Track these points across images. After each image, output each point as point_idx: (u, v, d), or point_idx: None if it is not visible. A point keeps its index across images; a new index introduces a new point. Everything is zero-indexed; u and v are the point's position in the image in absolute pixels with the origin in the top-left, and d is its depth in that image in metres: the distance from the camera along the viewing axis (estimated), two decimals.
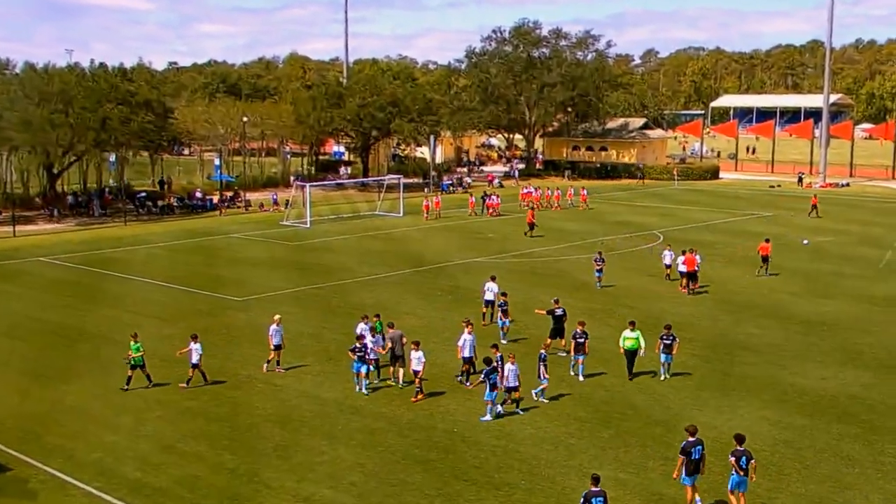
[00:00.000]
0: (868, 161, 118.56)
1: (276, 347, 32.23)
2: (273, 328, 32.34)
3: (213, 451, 25.37)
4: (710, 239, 61.68)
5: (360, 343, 30.11)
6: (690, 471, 21.75)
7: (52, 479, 23.58)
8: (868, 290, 46.02)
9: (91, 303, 43.37)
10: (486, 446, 25.56)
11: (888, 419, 27.79)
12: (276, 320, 32.59)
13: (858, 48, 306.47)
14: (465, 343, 30.40)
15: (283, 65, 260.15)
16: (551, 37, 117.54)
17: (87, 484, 23.26)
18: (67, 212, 75.66)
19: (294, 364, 32.94)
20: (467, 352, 30.42)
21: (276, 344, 32.21)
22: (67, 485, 23.31)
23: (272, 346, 32.30)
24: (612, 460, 24.66)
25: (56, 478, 23.66)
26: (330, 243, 61.03)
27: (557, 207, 78.99)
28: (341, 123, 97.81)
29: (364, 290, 45.80)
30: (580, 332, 31.23)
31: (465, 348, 30.39)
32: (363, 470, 24.13)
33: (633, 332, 31.28)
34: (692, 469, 21.77)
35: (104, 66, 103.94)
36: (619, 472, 23.97)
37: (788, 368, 32.80)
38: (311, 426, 27.19)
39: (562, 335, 34.32)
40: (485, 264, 52.67)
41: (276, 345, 32.22)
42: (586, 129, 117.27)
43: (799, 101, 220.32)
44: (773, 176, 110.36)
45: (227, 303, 43.36)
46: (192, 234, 65.76)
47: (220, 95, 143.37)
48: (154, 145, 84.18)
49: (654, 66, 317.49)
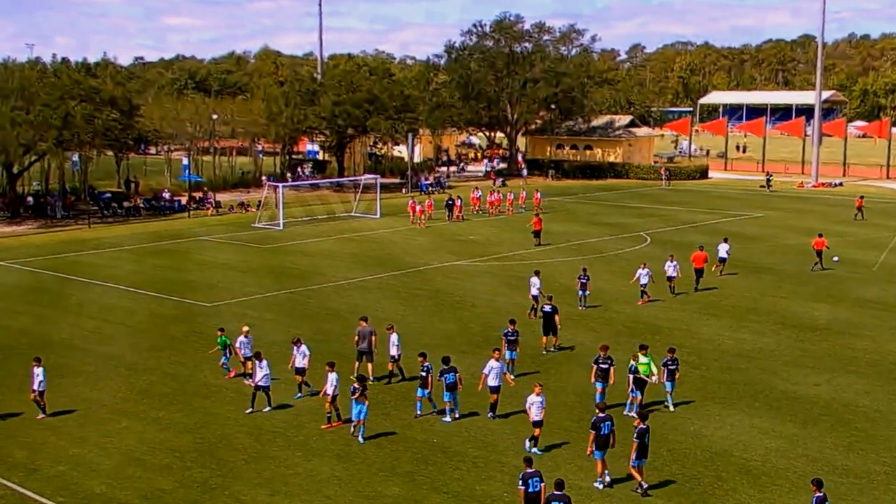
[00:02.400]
0: (861, 160, 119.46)
1: (246, 359, 31.76)
2: (241, 339, 32.01)
3: (182, 463, 25.29)
4: (700, 240, 61.84)
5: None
6: (600, 445, 23.38)
7: (13, 495, 23.44)
8: (862, 293, 46.34)
9: (53, 309, 43.14)
10: (468, 457, 25.60)
11: (882, 427, 28.01)
12: (245, 331, 32.29)
13: (851, 43, 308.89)
14: (492, 371, 28.51)
15: (254, 60, 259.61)
16: (534, 31, 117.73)
17: (49, 499, 23.14)
18: (28, 213, 75.26)
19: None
20: (494, 381, 28.58)
21: (245, 356, 31.79)
22: (29, 500, 23.17)
23: (241, 358, 31.97)
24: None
25: (16, 493, 23.52)
26: (304, 246, 60.96)
27: (510, 212, 77.03)
28: (315, 121, 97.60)
29: (339, 295, 45.77)
30: (670, 359, 29.61)
31: (491, 377, 28.56)
32: (339, 482, 24.12)
33: (646, 357, 29.31)
34: (602, 444, 23.50)
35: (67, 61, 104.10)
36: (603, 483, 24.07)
37: (780, 375, 33.00)
38: (284, 437, 27.15)
39: (555, 333, 35.87)
40: (466, 268, 52.76)
41: (246, 357, 31.79)
42: (570, 128, 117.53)
43: (790, 97, 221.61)
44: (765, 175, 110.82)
45: (197, 308, 43.21)
46: (159, 236, 65.52)
47: (189, 92, 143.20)
48: (119, 144, 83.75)
49: (640, 62, 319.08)
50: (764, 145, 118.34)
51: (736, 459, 25.56)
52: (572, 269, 51.32)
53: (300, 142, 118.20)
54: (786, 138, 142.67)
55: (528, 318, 39.91)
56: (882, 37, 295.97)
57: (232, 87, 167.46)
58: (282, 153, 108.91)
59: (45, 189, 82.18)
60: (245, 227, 69.12)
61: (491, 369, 28.49)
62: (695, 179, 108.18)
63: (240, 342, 31.96)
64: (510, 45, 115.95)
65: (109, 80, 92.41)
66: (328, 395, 27.81)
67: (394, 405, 29.73)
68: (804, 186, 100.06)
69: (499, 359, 28.86)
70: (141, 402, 30.14)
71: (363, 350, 32.03)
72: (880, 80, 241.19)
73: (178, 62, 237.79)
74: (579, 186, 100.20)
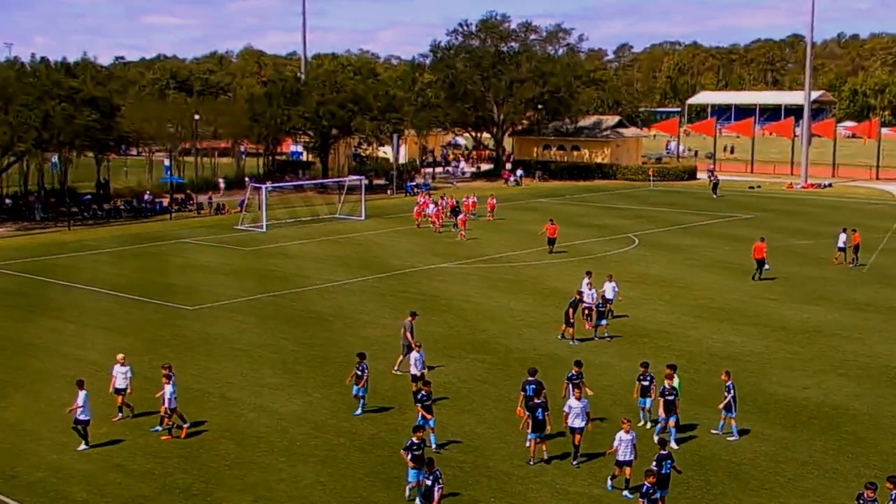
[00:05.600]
0: (851, 160, 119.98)
1: (118, 391, 29.01)
2: (116, 368, 29.18)
3: (163, 469, 25.22)
4: (688, 243, 62.15)
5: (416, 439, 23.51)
6: (661, 484, 22.24)
7: None
8: (852, 295, 46.52)
9: (33, 313, 42.95)
10: (454, 462, 25.59)
11: (872, 430, 28.12)
12: (120, 359, 29.37)
13: (841, 43, 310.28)
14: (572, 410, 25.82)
15: (237, 60, 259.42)
16: (520, 30, 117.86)
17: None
18: (5, 216, 74.95)
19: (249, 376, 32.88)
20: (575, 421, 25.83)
21: (117, 387, 28.98)
22: None
23: (112, 388, 29.08)
24: (586, 475, 24.77)
25: None
26: (287, 248, 60.87)
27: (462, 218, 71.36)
28: (299, 122, 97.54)
29: (324, 298, 45.71)
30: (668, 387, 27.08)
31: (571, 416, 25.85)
32: (324, 488, 24.09)
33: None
34: (662, 483, 22.32)
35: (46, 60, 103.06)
36: (594, 487, 24.11)
37: (769, 378, 33.11)
38: (267, 442, 27.11)
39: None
40: (452, 270, 52.77)
41: (117, 388, 28.99)
42: (557, 128, 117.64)
43: (779, 97, 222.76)
44: (753, 176, 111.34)
45: (179, 312, 43.10)
46: (140, 238, 65.33)
47: (171, 92, 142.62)
48: (100, 145, 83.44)
49: (628, 62, 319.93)
50: (753, 146, 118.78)
51: (724, 463, 25.63)
52: (560, 272, 51.49)
53: (284, 142, 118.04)
54: (775, 139, 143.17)
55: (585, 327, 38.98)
56: (871, 37, 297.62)
57: (214, 88, 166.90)
58: (265, 154, 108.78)
59: (24, 190, 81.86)
60: (227, 230, 68.95)
61: (570, 408, 25.72)
62: (683, 180, 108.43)
63: (114, 371, 29.25)
64: (496, 45, 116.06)
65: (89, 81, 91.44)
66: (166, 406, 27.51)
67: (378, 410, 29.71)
68: (793, 187, 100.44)
69: (579, 397, 25.98)
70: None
71: (406, 344, 32.83)
72: (870, 80, 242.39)
73: (159, 62, 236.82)
74: (566, 188, 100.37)
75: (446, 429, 27.96)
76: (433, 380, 29.89)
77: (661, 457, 22.65)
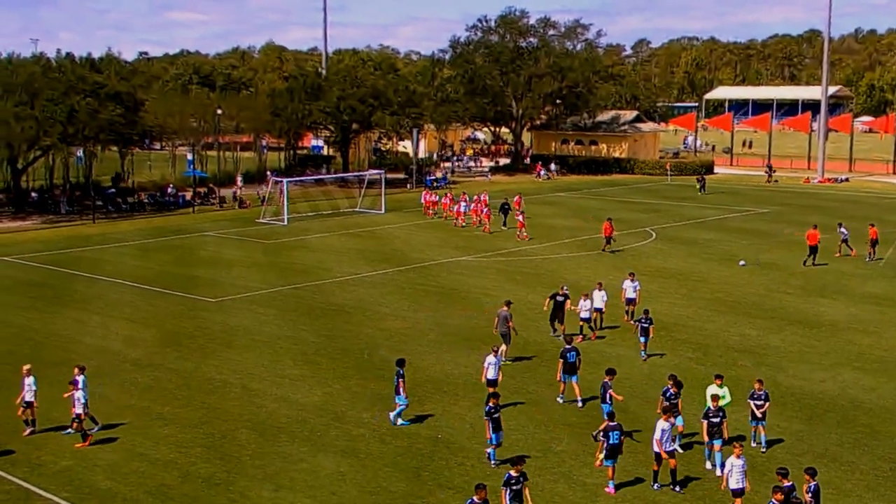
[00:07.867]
0: (868, 155, 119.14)
1: (27, 405, 27.47)
2: (25, 381, 27.52)
3: (186, 459, 25.32)
4: (705, 237, 61.89)
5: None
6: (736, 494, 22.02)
7: (18, 490, 23.50)
8: (868, 289, 46.25)
9: (58, 304, 43.21)
10: (472, 453, 25.59)
11: (888, 424, 27.96)
12: (26, 370, 27.68)
13: (858, 38, 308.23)
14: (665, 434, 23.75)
15: (258, 55, 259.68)
16: (539, 26, 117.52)
17: (54, 494, 23.20)
18: (31, 209, 75.36)
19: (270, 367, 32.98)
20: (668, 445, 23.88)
21: (27, 401, 27.46)
22: (33, 495, 23.23)
23: (24, 401, 27.50)
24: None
25: (21, 488, 23.59)
26: (308, 241, 60.98)
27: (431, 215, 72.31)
28: (320, 116, 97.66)
29: (344, 291, 45.78)
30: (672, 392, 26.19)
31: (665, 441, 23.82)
32: (344, 479, 24.13)
33: (721, 387, 25.94)
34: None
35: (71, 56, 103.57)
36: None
37: (785, 371, 32.97)
38: (288, 433, 27.17)
39: (561, 321, 36.73)
40: (471, 264, 52.74)
41: (27, 402, 27.46)
42: (576, 123, 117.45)
43: (796, 92, 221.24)
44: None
45: (201, 304, 43.25)
46: (163, 231, 65.59)
47: (194, 87, 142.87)
48: (124, 139, 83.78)
49: (646, 57, 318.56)
50: (770, 141, 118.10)
51: None
52: (578, 265, 51.44)
53: (305, 137, 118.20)
54: (792, 133, 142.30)
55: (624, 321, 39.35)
56: (889, 32, 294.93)
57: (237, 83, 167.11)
58: (286, 148, 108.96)
59: (49, 184, 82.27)
60: (249, 223, 69.15)
61: (663, 432, 23.57)
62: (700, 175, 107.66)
63: (25, 383, 27.47)
64: (515, 41, 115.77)
65: (114, 76, 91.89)
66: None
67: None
68: (810, 182, 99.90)
69: (667, 419, 23.83)
70: (145, 397, 30.18)
71: (503, 332, 33.48)
72: (887, 75, 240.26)
73: (182, 57, 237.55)
74: (585, 182, 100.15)
75: (464, 419, 28.00)
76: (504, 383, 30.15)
77: (610, 427, 23.48)
